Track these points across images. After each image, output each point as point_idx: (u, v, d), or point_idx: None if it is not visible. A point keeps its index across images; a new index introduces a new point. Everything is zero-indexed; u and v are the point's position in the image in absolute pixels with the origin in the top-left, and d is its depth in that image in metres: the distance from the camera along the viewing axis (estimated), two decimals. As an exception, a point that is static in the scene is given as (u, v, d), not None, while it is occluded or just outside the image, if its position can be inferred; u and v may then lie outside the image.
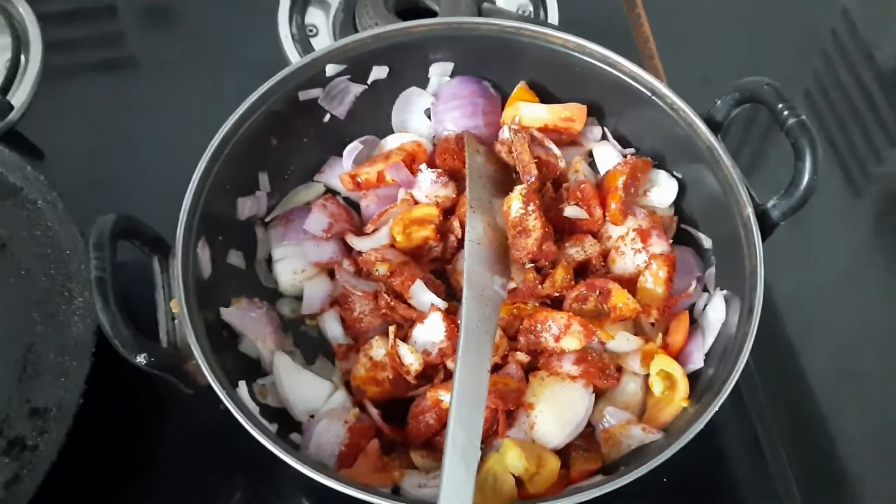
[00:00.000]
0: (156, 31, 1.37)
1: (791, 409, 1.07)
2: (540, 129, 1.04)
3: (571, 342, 0.89)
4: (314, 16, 1.32)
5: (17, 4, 1.29)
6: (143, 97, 1.26)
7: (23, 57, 1.25)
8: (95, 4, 1.38)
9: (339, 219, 1.02)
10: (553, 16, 1.31)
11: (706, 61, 1.34)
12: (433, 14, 1.26)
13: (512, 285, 0.94)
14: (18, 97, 1.21)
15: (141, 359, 0.79)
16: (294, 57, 1.26)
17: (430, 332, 0.91)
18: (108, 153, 1.20)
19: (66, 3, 1.35)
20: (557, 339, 0.90)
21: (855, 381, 1.09)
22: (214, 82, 1.25)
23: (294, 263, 1.01)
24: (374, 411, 0.90)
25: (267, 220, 1.04)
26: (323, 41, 1.29)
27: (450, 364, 0.90)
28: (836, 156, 1.25)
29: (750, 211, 0.91)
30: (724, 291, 0.94)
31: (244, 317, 0.94)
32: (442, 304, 0.93)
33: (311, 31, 1.30)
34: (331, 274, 1.01)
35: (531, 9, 1.32)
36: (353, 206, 1.07)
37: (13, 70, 1.23)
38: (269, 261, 1.03)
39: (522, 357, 0.91)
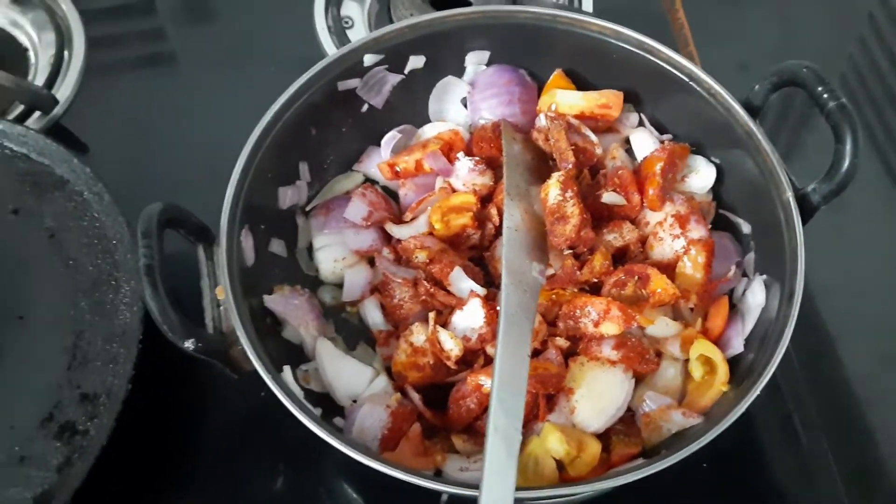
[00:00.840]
0: (194, 27, 1.40)
1: (830, 395, 1.07)
2: (576, 117, 1.04)
3: (611, 327, 0.89)
4: (349, 8, 1.33)
5: (60, 2, 1.31)
6: (184, 91, 1.29)
7: (66, 53, 1.28)
8: (135, 1, 1.40)
9: (379, 207, 1.03)
10: (588, 3, 1.31)
11: (741, 48, 1.33)
12: (467, 3, 1.26)
13: (550, 271, 0.94)
14: (63, 92, 1.24)
15: (188, 344, 0.80)
16: (330, 49, 1.27)
17: (470, 318, 0.92)
18: (151, 146, 1.22)
19: (107, 1, 1.38)
20: (597, 324, 0.90)
21: (895, 368, 1.09)
22: (253, 75, 1.27)
23: (335, 252, 1.02)
24: (415, 396, 0.91)
25: (307, 209, 1.06)
26: (358, 33, 1.30)
27: (490, 350, 0.91)
28: (873, 142, 1.24)
29: (790, 195, 0.91)
30: (764, 276, 0.94)
31: (287, 304, 0.95)
32: (481, 290, 0.93)
33: (346, 23, 1.31)
34: (371, 262, 1.02)
35: (566, -4, 1.32)
36: (392, 194, 1.08)
37: (57, 65, 1.26)
38: (309, 249, 1.05)
39: (562, 342, 0.91)
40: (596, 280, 0.95)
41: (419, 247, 0.98)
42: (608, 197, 0.99)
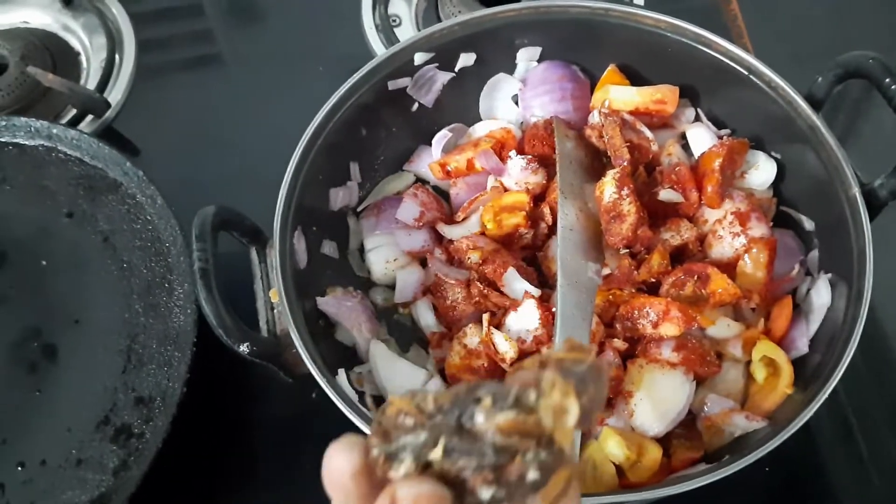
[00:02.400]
0: (242, 29, 1.40)
1: (891, 406, 1.03)
2: (631, 113, 1.02)
3: (670, 329, 0.87)
4: (397, 6, 1.32)
5: (110, 5, 1.33)
6: (234, 93, 1.29)
7: (117, 56, 1.29)
8: (183, 3, 1.41)
9: (430, 207, 1.02)
10: (639, -3, 1.29)
11: (796, 39, 1.30)
12: (517, -1, 1.25)
13: (606, 271, 0.92)
14: (114, 95, 1.25)
15: (244, 348, 0.80)
16: (378, 48, 1.26)
17: (524, 319, 0.90)
18: (201, 148, 1.23)
19: (156, 3, 1.39)
20: (655, 325, 0.88)
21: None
22: (301, 76, 1.27)
23: (386, 253, 1.01)
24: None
25: (359, 210, 1.05)
26: (406, 31, 1.29)
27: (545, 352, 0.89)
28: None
29: (856, 190, 0.87)
30: (829, 275, 0.91)
31: (340, 306, 0.94)
32: (536, 291, 0.92)
33: (394, 21, 1.30)
34: (423, 263, 1.01)
35: (617, -10, 1.30)
36: (443, 194, 1.07)
37: (108, 69, 1.27)
38: (361, 250, 1.04)
39: (620, 344, 0.89)
40: (654, 280, 0.92)
41: (471, 247, 0.96)
42: (665, 194, 0.97)
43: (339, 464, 0.39)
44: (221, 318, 0.79)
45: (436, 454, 0.35)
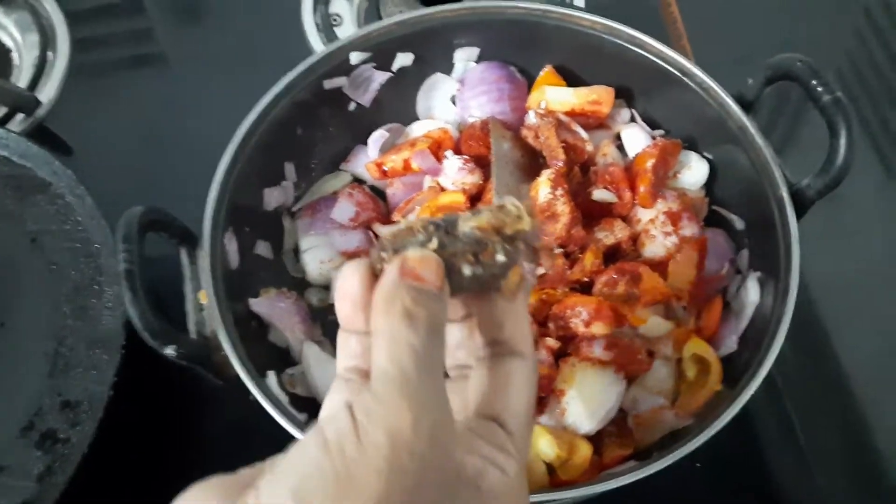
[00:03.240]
0: (183, 28, 1.38)
1: (827, 392, 1.05)
2: (567, 114, 1.02)
3: (602, 327, 0.88)
4: (338, 5, 1.31)
5: (44, 3, 1.30)
6: (170, 92, 1.27)
7: (50, 54, 1.26)
8: (122, 2, 1.39)
9: (366, 207, 1.01)
10: (580, -1, 1.30)
11: (736, 42, 1.31)
12: (457, -1, 1.25)
13: (540, 271, 0.93)
14: (46, 93, 1.22)
15: (170, 350, 0.79)
16: (319, 47, 1.25)
17: (459, 319, 0.90)
18: (136, 148, 1.20)
19: (93, 1, 1.36)
20: (587, 324, 0.88)
21: (893, 366, 1.07)
22: (241, 75, 1.25)
23: (321, 253, 1.00)
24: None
25: (293, 210, 1.04)
26: (347, 30, 1.28)
27: (480, 351, 0.89)
28: (870, 137, 1.23)
29: (784, 190, 0.89)
30: (758, 273, 0.92)
31: (273, 307, 0.93)
32: (470, 291, 0.92)
33: (335, 20, 1.29)
34: (358, 263, 1.00)
35: (557, -8, 1.30)
36: (380, 194, 1.06)
37: (41, 67, 1.24)
38: (296, 251, 1.03)
39: (552, 343, 0.89)
40: (587, 279, 0.93)
41: (407, 247, 0.96)
42: (599, 194, 0.97)
43: (349, 278, 0.48)
44: (147, 320, 0.78)
45: (431, 246, 0.47)
